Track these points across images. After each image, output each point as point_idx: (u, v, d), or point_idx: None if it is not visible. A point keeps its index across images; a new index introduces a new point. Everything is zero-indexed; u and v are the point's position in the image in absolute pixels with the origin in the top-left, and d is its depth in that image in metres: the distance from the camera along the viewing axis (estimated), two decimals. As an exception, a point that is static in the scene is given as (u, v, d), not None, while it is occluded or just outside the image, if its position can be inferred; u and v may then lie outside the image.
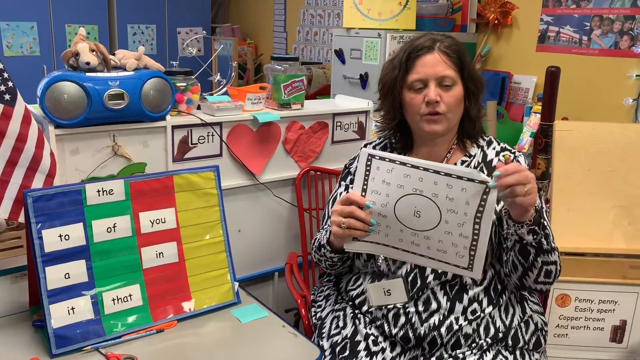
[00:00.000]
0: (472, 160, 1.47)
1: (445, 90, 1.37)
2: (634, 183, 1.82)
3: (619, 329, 1.79)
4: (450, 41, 1.41)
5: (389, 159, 1.26)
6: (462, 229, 1.22)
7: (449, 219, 1.23)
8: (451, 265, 1.26)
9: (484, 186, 1.20)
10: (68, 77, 1.53)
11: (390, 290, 1.38)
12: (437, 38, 1.41)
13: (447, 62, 1.38)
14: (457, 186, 1.21)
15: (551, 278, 1.35)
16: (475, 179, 1.20)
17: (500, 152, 1.48)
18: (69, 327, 1.32)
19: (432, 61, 1.37)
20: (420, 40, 1.41)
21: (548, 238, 1.30)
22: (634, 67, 2.52)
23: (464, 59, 1.41)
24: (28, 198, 1.31)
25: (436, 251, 1.26)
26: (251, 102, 1.96)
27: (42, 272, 1.31)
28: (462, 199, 1.21)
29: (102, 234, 1.39)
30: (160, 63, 1.75)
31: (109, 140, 1.66)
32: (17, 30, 4.05)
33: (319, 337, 1.46)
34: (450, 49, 1.39)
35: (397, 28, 2.92)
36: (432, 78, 1.37)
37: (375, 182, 1.27)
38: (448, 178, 1.21)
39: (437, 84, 1.37)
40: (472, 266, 1.24)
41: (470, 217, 1.21)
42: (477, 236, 1.22)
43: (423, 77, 1.37)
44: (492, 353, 1.36)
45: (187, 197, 1.53)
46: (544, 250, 1.30)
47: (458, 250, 1.24)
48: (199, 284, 1.52)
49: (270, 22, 4.94)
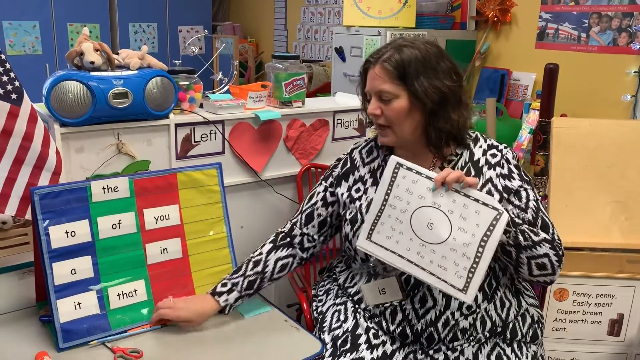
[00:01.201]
0: (460, 159, 1.47)
1: (385, 103, 1.40)
2: (631, 178, 1.84)
3: (617, 323, 1.81)
4: (398, 54, 1.38)
5: (416, 171, 1.34)
6: (467, 249, 1.27)
7: (457, 237, 1.28)
8: (447, 284, 1.28)
9: (496, 212, 1.27)
10: (73, 76, 1.56)
11: (384, 288, 1.40)
12: (386, 50, 1.40)
13: (384, 77, 1.38)
14: (472, 208, 1.29)
15: (548, 269, 1.35)
16: (489, 204, 1.28)
17: (488, 150, 1.48)
18: (76, 322, 1.34)
19: (373, 75, 1.41)
20: (375, 52, 1.44)
21: (524, 234, 1.32)
22: (632, 63, 2.54)
23: (409, 72, 1.36)
24: (35, 195, 1.34)
25: (437, 267, 1.29)
26: (253, 100, 1.99)
27: (49, 268, 1.33)
28: (474, 220, 1.28)
29: (107, 231, 1.42)
30: (161, 61, 1.77)
31: (113, 138, 1.69)
32: (19, 29, 4.07)
33: (320, 330, 1.49)
34: (392, 63, 1.37)
35: (397, 26, 2.94)
36: (372, 92, 1.42)
37: (400, 189, 1.34)
38: (466, 199, 1.29)
39: (377, 97, 1.41)
40: (467, 289, 1.26)
41: (477, 239, 1.27)
42: (478, 259, 1.26)
43: (368, 90, 1.43)
44: (490, 345, 1.38)
45: (191, 194, 1.55)
46: (524, 247, 1.32)
47: (458, 269, 1.27)
48: (203, 279, 1.54)
49: (271, 20, 4.95)
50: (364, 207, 1.47)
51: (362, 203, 1.48)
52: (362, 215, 1.46)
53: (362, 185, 1.51)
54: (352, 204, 1.50)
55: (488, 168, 1.45)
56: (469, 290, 1.25)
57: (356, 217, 1.48)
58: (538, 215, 1.41)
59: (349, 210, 1.50)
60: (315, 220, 1.55)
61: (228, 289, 1.46)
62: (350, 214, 1.49)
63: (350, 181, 1.52)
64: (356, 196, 1.50)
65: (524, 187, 1.43)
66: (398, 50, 1.39)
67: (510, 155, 1.48)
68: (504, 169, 1.45)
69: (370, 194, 1.48)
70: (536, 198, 1.43)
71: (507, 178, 1.44)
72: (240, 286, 1.47)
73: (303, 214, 1.57)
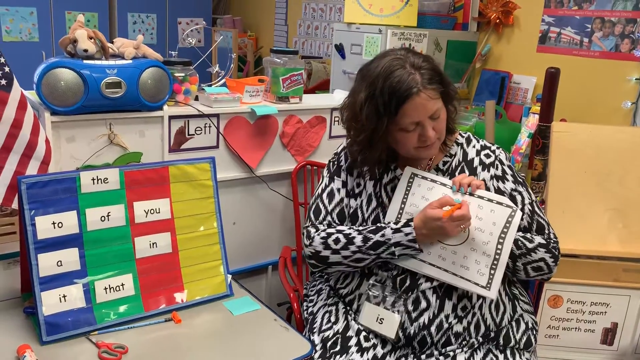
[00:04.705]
0: (453, 160, 1.47)
1: (436, 120, 1.35)
2: (629, 186, 1.82)
3: (610, 332, 1.79)
4: (428, 68, 1.33)
5: (430, 179, 1.41)
6: (487, 247, 1.33)
7: (476, 237, 1.34)
8: (471, 283, 1.33)
9: (510, 210, 1.34)
10: (65, 63, 1.52)
11: (383, 319, 1.37)
12: (415, 74, 1.30)
13: (434, 97, 1.33)
14: (487, 208, 1.35)
15: (544, 270, 1.39)
16: (503, 202, 1.35)
17: (481, 150, 1.48)
18: (60, 315, 1.32)
19: (422, 102, 1.31)
20: (402, 80, 1.30)
21: (517, 243, 1.35)
22: (634, 70, 2.52)
23: (441, 75, 1.35)
24: (22, 184, 1.31)
25: (460, 267, 1.34)
26: (249, 95, 1.95)
27: (34, 259, 1.31)
28: (490, 219, 1.34)
29: (95, 223, 1.39)
30: (160, 53, 1.74)
31: (105, 128, 1.66)
32: (16, 15, 4.01)
33: (310, 331, 1.46)
34: (432, 80, 1.32)
35: (399, 24, 2.91)
36: (425, 118, 1.33)
37: (415, 197, 1.40)
38: (480, 200, 1.36)
39: (430, 119, 1.35)
40: (490, 285, 1.31)
41: (495, 236, 1.33)
42: (498, 256, 1.32)
43: (417, 120, 1.33)
44: (483, 352, 1.36)
45: (183, 188, 1.52)
46: (518, 255, 1.36)
47: (480, 267, 1.33)
48: (192, 275, 1.51)
49: (272, 14, 4.91)
50: (365, 203, 1.45)
51: (363, 199, 1.46)
52: (363, 213, 1.45)
53: (362, 180, 1.49)
54: (354, 199, 1.47)
55: (482, 169, 1.45)
56: (492, 287, 1.31)
57: (356, 214, 1.46)
58: (533, 218, 1.43)
59: (350, 205, 1.48)
60: (347, 215, 1.49)
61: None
62: (350, 210, 1.47)
63: (355, 174, 1.50)
64: (357, 191, 1.48)
65: (518, 189, 1.43)
66: (421, 67, 1.32)
67: (503, 155, 1.49)
68: (498, 170, 1.45)
69: (368, 188, 1.46)
70: (531, 199, 1.43)
71: (500, 180, 1.44)
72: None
73: (330, 214, 1.48)
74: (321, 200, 1.51)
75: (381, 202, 1.45)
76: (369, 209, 1.45)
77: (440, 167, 1.47)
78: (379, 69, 1.33)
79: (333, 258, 1.41)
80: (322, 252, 1.42)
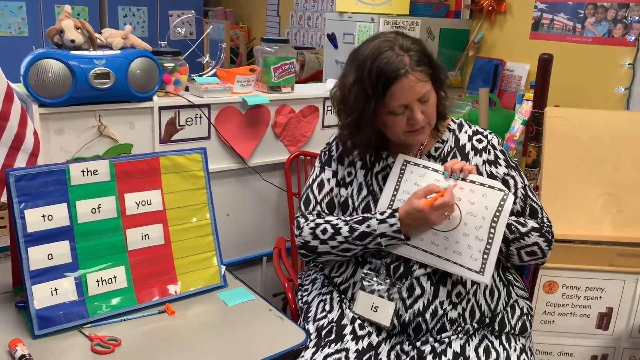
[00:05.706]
0: (445, 145, 1.47)
1: (424, 104, 1.33)
2: (623, 170, 1.81)
3: (605, 316, 1.79)
4: (417, 50, 1.30)
5: (423, 165, 1.40)
6: (479, 231, 1.32)
7: (468, 222, 1.33)
8: (464, 268, 1.32)
9: (502, 194, 1.33)
10: (52, 54, 1.50)
11: (378, 307, 1.36)
12: (404, 56, 1.28)
13: (423, 79, 1.30)
14: (479, 192, 1.34)
15: (538, 255, 1.38)
16: (495, 186, 1.34)
17: (473, 135, 1.47)
18: (52, 308, 1.31)
19: (410, 84, 1.28)
20: (390, 62, 1.27)
21: (511, 227, 1.34)
22: (626, 55, 2.51)
23: (430, 58, 1.33)
24: (10, 177, 1.29)
25: (452, 252, 1.32)
26: (240, 85, 1.93)
27: (24, 252, 1.29)
28: (482, 203, 1.33)
29: (86, 215, 1.38)
30: (151, 46, 1.72)
31: (94, 120, 1.64)
32: (5, 9, 3.96)
33: (304, 320, 1.46)
34: (421, 62, 1.30)
35: (391, 13, 2.89)
36: (413, 100, 1.31)
37: (408, 184, 1.39)
38: (472, 184, 1.35)
39: (419, 102, 1.32)
40: (484, 270, 1.30)
41: (488, 220, 1.31)
42: (491, 240, 1.31)
43: (405, 103, 1.31)
44: (478, 337, 1.36)
45: (174, 179, 1.51)
46: (512, 240, 1.35)
47: (472, 252, 1.31)
48: (186, 267, 1.50)
49: (264, 5, 4.88)
50: (355, 192, 1.45)
51: (354, 188, 1.46)
52: (354, 202, 1.44)
53: (353, 169, 1.48)
54: (345, 188, 1.46)
55: (474, 154, 1.45)
56: (486, 272, 1.30)
57: (347, 203, 1.45)
58: (526, 202, 1.43)
59: (340, 195, 1.47)
60: (337, 205, 1.48)
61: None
62: (341, 199, 1.46)
63: (346, 163, 1.49)
64: (348, 180, 1.47)
65: (511, 174, 1.43)
66: (410, 49, 1.30)
67: (496, 140, 1.48)
68: (491, 155, 1.45)
69: (359, 177, 1.46)
70: (524, 183, 1.43)
71: (493, 164, 1.44)
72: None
73: (320, 204, 1.47)
74: (311, 191, 1.50)
75: (372, 191, 1.44)
76: (359, 197, 1.44)
77: (432, 153, 1.46)
78: (367, 51, 1.32)
79: (322, 248, 1.40)
80: (310, 242, 1.42)
